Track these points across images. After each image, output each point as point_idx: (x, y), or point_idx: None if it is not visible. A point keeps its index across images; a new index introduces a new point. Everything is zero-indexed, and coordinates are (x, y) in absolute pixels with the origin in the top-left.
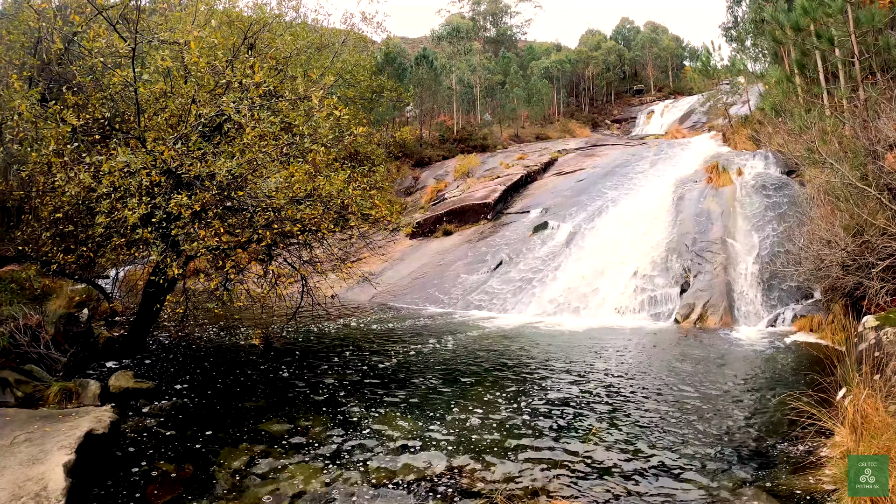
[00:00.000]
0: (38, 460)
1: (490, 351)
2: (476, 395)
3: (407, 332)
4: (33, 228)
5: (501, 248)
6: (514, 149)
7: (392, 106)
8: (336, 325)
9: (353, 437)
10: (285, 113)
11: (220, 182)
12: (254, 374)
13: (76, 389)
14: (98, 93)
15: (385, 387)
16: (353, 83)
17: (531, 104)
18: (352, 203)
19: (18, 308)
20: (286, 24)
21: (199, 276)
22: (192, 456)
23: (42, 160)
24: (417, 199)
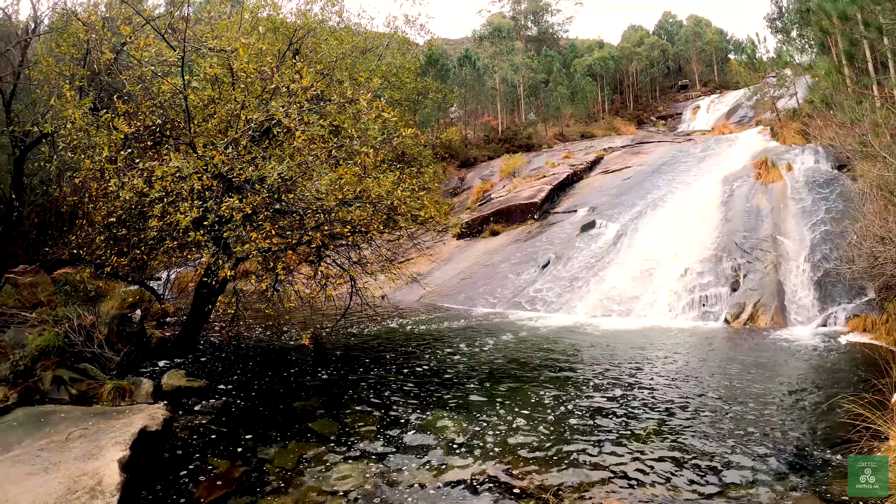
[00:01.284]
0: (92, 456)
1: (538, 352)
2: (523, 396)
3: (455, 333)
4: (87, 232)
5: (549, 248)
6: (560, 148)
7: (437, 107)
8: (384, 325)
9: (402, 437)
10: (333, 116)
11: (270, 185)
12: (303, 374)
13: (129, 388)
14: (148, 101)
15: (433, 387)
16: (399, 85)
17: (575, 102)
18: (400, 204)
19: (73, 309)
20: (330, 29)
21: (251, 277)
22: (242, 454)
23: (95, 167)
24: (464, 199)
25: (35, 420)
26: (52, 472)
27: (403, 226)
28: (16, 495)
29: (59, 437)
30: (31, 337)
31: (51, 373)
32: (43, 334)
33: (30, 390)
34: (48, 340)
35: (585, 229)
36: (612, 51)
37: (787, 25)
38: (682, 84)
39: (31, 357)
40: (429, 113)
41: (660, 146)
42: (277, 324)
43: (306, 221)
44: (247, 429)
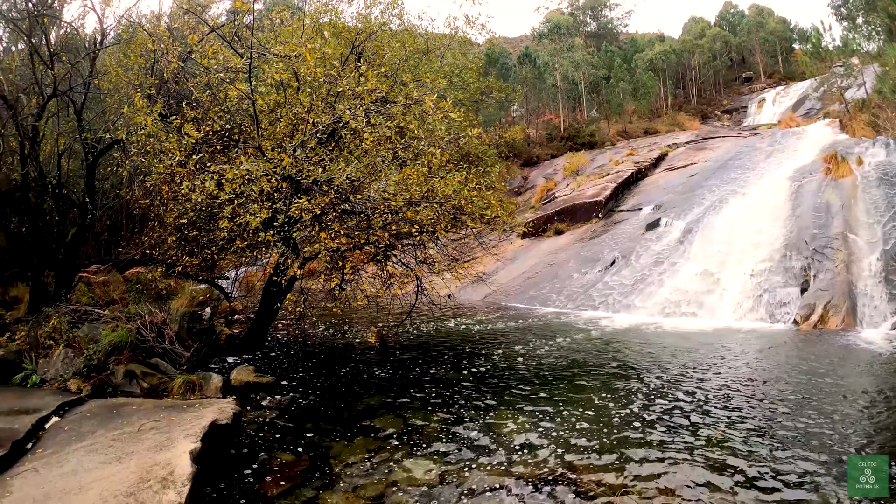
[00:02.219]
0: (164, 447)
1: (602, 352)
2: (586, 397)
3: (519, 333)
4: (159, 234)
5: (613, 247)
6: (623, 145)
7: (499, 107)
8: (449, 324)
9: (466, 436)
10: (399, 118)
11: (338, 186)
12: (368, 372)
13: (199, 382)
14: (216, 106)
15: (496, 387)
16: (462, 86)
17: (637, 98)
18: (467, 204)
19: (144, 306)
20: (391, 32)
21: (320, 276)
22: (308, 449)
23: (166, 171)
24: (528, 198)
25: (107, 412)
26: (124, 461)
27: (472, 226)
28: (89, 483)
29: (132, 429)
30: (104, 332)
31: (123, 367)
32: (116, 330)
33: (102, 383)
34: (121, 336)
35: (650, 228)
36: (673, 44)
37: (853, 12)
38: (747, 76)
39: (105, 352)
40: (491, 112)
41: (725, 141)
42: (343, 322)
43: (373, 221)
44: (313, 424)
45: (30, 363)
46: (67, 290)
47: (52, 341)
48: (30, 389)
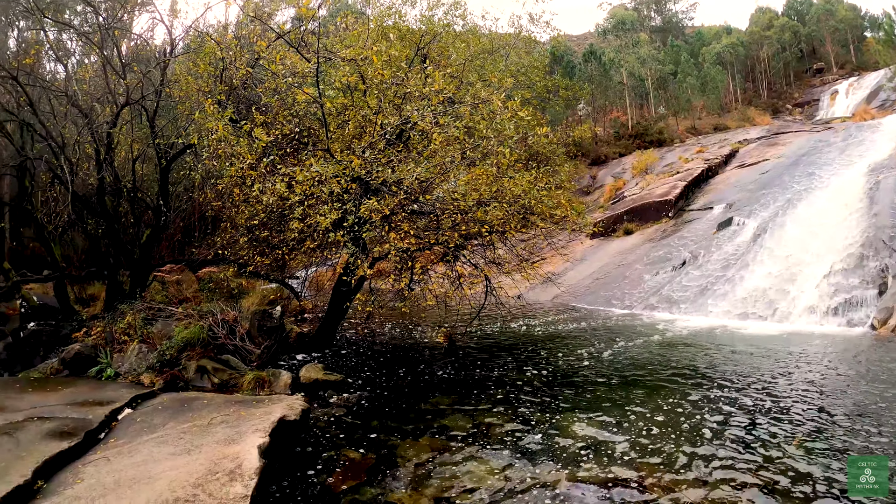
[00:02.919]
0: (233, 441)
1: (672, 355)
2: (655, 402)
3: (588, 334)
4: (231, 234)
5: (684, 248)
6: (692, 142)
7: (565, 105)
8: (518, 325)
9: (533, 438)
10: (468, 118)
11: (407, 187)
12: (435, 371)
13: (268, 379)
14: (284, 110)
15: (565, 389)
16: (528, 84)
17: (706, 93)
18: (537, 204)
19: (216, 305)
20: (455, 33)
21: (389, 276)
22: (375, 446)
23: (237, 174)
24: (596, 198)
25: (179, 405)
26: (194, 453)
27: (542, 226)
28: (160, 473)
29: (202, 422)
30: (177, 329)
31: (195, 362)
32: (189, 327)
33: (174, 378)
34: (193, 333)
35: (722, 227)
36: (740, 36)
37: None
38: (818, 67)
39: (178, 348)
40: (558, 111)
41: (797, 136)
42: (410, 322)
43: (443, 222)
44: (380, 422)
45: (105, 357)
46: (142, 288)
47: (126, 337)
48: (104, 382)
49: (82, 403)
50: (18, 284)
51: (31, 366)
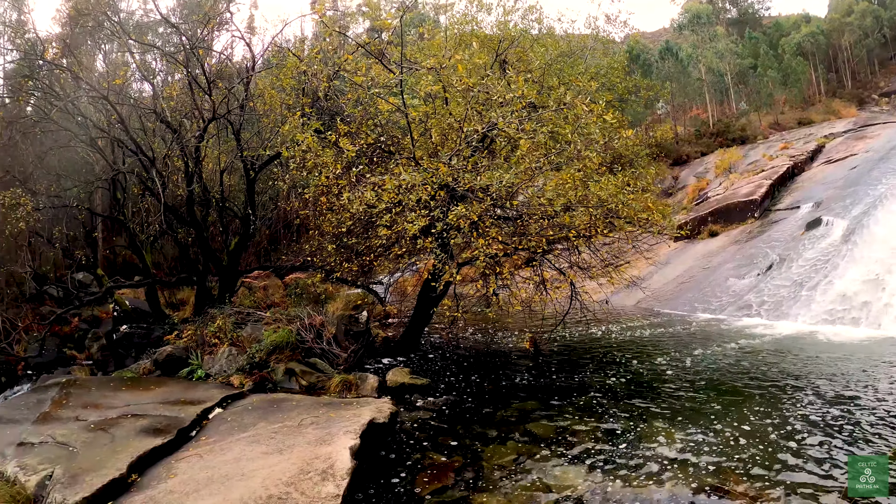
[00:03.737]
0: (324, 441)
1: (758, 362)
2: (740, 410)
3: (673, 340)
4: (319, 242)
5: (770, 250)
6: (776, 137)
7: (644, 105)
8: (602, 330)
9: (617, 444)
10: (554, 122)
11: (493, 193)
12: (519, 376)
13: (355, 382)
14: (368, 120)
15: (649, 395)
16: (609, 86)
17: (787, 86)
18: (623, 207)
19: (303, 309)
20: (532, 37)
21: (475, 282)
22: (461, 449)
23: (325, 183)
24: (679, 199)
25: (268, 405)
26: (286, 453)
27: (629, 230)
28: (253, 471)
29: (292, 423)
30: (266, 333)
31: (283, 365)
32: (278, 331)
33: (263, 379)
34: (282, 337)
35: (810, 227)
36: (819, 24)
37: None
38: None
39: (267, 350)
40: (637, 112)
41: (886, 128)
42: (493, 327)
43: (530, 227)
44: (465, 426)
45: (196, 359)
46: (231, 293)
47: (217, 340)
48: (195, 382)
49: (174, 402)
50: (112, 290)
51: (123, 366)
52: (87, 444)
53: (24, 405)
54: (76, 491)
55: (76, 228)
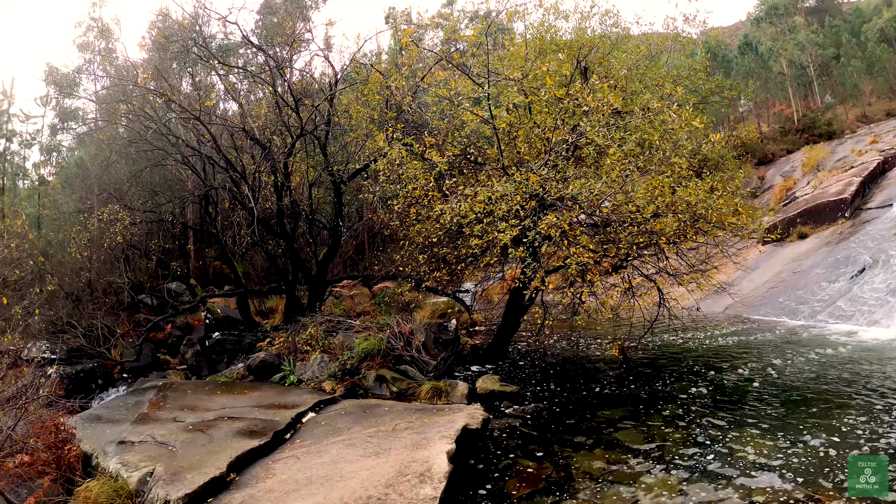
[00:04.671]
0: (420, 446)
1: (852, 372)
2: (832, 421)
3: (761, 347)
4: (409, 251)
5: (863, 251)
6: (864, 131)
7: (726, 104)
8: (689, 337)
9: (706, 454)
10: (642, 129)
11: (583, 201)
12: (607, 384)
13: (445, 388)
14: (454, 132)
15: (738, 405)
16: (693, 88)
17: (873, 75)
18: (711, 212)
19: (393, 318)
20: (612, 42)
21: (565, 290)
22: (550, 456)
23: (416, 194)
24: (766, 200)
25: (360, 410)
26: (382, 456)
27: (720, 234)
28: (351, 472)
29: (386, 428)
30: (358, 340)
31: (374, 372)
32: (368, 339)
33: (354, 385)
34: (373, 344)
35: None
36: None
37: None
38: None
39: (358, 357)
40: (720, 111)
41: None
42: (579, 334)
43: (621, 235)
44: (554, 433)
45: (288, 365)
46: (320, 302)
47: (308, 347)
48: (287, 388)
49: (268, 406)
50: (205, 299)
51: (216, 371)
52: (186, 444)
53: (123, 406)
54: (178, 488)
55: (170, 241)
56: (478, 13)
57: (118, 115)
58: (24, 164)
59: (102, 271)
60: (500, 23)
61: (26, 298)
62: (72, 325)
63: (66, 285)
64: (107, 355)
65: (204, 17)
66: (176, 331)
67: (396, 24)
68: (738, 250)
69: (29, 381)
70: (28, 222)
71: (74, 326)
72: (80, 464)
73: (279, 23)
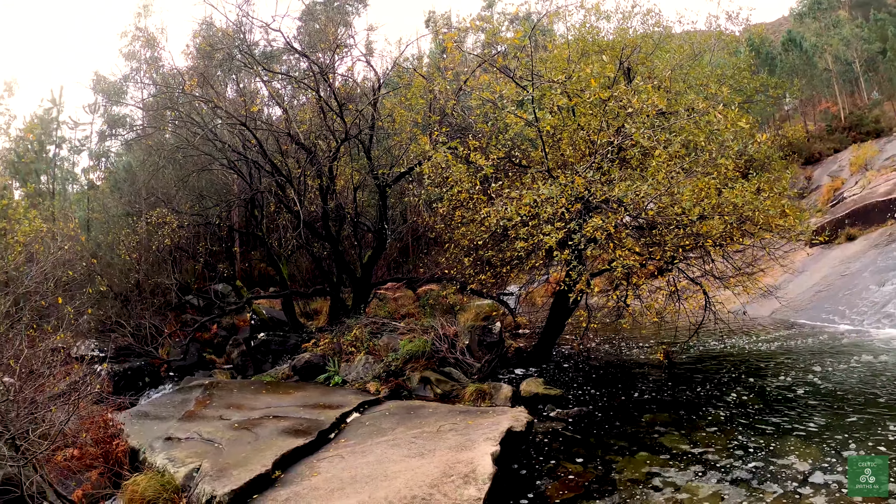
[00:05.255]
0: (464, 447)
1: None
2: (881, 431)
3: (808, 352)
4: (455, 254)
5: None
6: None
7: (771, 102)
8: (735, 341)
9: (749, 463)
10: (688, 130)
11: (628, 203)
12: (651, 388)
13: (489, 391)
14: (498, 135)
15: (782, 410)
16: (738, 87)
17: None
18: (758, 213)
19: (437, 320)
20: (654, 42)
21: (613, 293)
22: (593, 460)
23: (462, 197)
24: (813, 201)
25: (404, 412)
26: (427, 457)
27: (767, 236)
28: (395, 472)
29: (431, 429)
30: (402, 342)
31: (418, 374)
32: (413, 341)
33: (398, 387)
34: (418, 346)
35: None
36: None
37: None
38: None
39: (403, 359)
40: (766, 111)
41: None
42: (622, 337)
43: (667, 237)
44: (597, 437)
45: (333, 366)
46: (364, 304)
47: (353, 348)
48: (332, 388)
49: (313, 406)
50: (251, 300)
51: (261, 371)
52: (232, 442)
53: (170, 403)
54: (224, 484)
55: (216, 244)
56: (517, 16)
57: (165, 121)
58: (73, 169)
59: (150, 272)
60: (541, 25)
61: (76, 298)
62: (120, 325)
63: (115, 286)
64: (154, 354)
65: (247, 25)
66: (222, 331)
67: (437, 27)
68: (784, 253)
69: (79, 377)
70: (78, 225)
71: (123, 326)
72: (128, 458)
73: (321, 29)
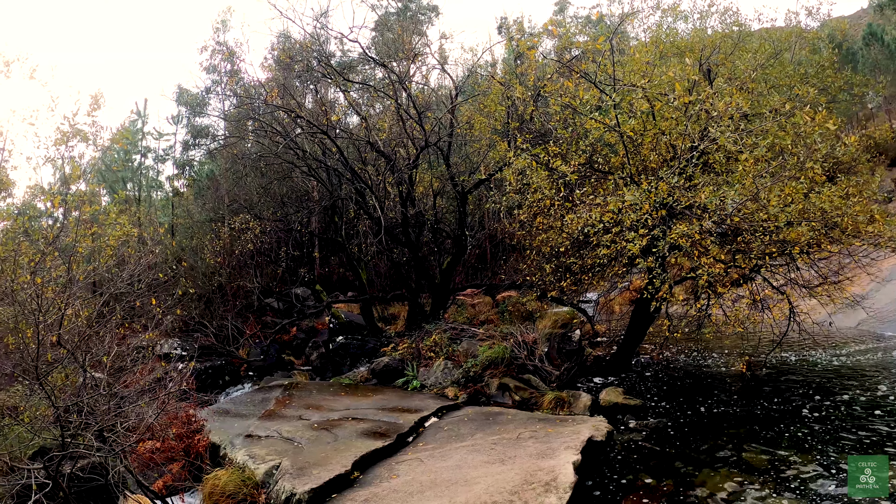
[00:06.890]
0: (545, 455)
1: None
2: None
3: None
4: (536, 261)
5: None
6: None
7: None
8: (817, 353)
9: (832, 482)
10: (774, 133)
11: (714, 209)
12: (733, 401)
13: (568, 399)
14: (579, 140)
15: (868, 428)
16: (822, 87)
17: None
18: (846, 219)
19: (516, 327)
20: (733, 42)
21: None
22: (672, 474)
23: (544, 204)
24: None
25: (483, 418)
26: (507, 463)
27: (857, 244)
28: (475, 478)
29: (510, 436)
30: (482, 349)
31: (497, 380)
32: (493, 347)
33: (477, 393)
34: (497, 353)
35: None
36: None
37: None
38: None
39: (482, 365)
40: (850, 110)
41: None
42: (703, 348)
43: (754, 244)
44: (677, 450)
45: (411, 370)
46: (443, 309)
47: (432, 353)
48: (410, 392)
49: (392, 409)
50: (330, 304)
51: (339, 373)
52: (312, 441)
53: (250, 402)
54: (304, 482)
55: (297, 249)
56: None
57: (246, 131)
58: (157, 177)
59: (233, 275)
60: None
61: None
62: (203, 325)
63: (199, 288)
64: (234, 354)
65: (323, 37)
66: (301, 333)
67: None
68: (871, 260)
69: (164, 374)
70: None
71: (206, 326)
72: (208, 453)
73: (395, 38)
